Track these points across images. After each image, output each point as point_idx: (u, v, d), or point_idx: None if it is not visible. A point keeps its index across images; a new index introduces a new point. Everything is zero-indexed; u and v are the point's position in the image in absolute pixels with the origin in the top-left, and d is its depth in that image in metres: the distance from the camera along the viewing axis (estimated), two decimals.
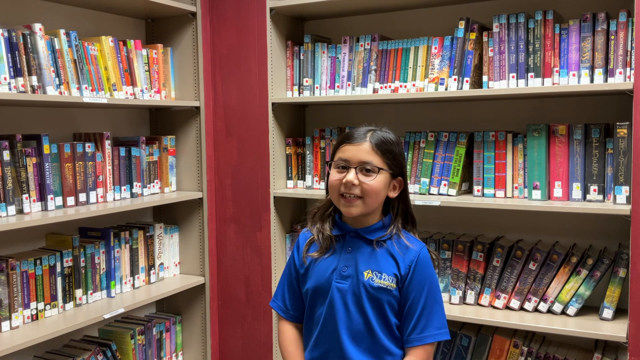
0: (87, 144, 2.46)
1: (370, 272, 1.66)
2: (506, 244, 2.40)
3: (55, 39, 2.28)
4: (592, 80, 2.17)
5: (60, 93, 2.28)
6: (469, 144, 2.44)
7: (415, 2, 2.56)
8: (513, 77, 2.28)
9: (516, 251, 2.35)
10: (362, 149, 1.65)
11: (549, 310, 2.30)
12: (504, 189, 2.37)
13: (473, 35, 2.35)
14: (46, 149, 2.29)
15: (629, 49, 2.09)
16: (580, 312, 2.28)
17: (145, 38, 2.99)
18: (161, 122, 3.02)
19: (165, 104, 2.81)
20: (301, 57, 2.71)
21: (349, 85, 2.60)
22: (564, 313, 2.28)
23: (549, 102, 2.46)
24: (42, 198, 2.29)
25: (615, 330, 2.13)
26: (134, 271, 2.72)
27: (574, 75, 2.20)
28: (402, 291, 1.67)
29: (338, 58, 2.63)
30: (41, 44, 2.21)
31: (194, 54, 2.89)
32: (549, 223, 2.48)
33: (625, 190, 2.11)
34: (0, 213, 2.14)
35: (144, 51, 2.70)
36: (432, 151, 2.48)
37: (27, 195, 2.23)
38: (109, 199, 2.57)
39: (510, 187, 2.36)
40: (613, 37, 2.12)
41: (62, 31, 2.30)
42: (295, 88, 2.73)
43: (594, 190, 2.21)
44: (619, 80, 2.11)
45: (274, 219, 2.76)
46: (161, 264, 2.88)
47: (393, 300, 1.66)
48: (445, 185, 2.45)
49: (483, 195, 2.39)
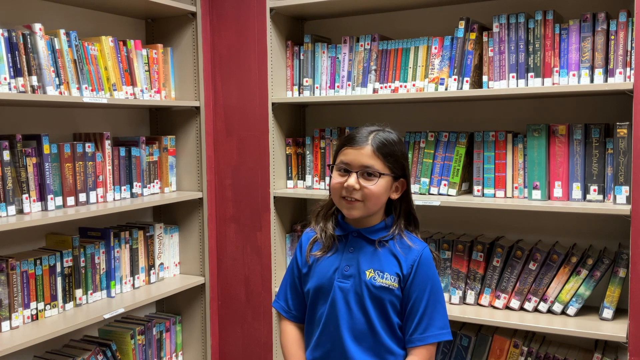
0: (87, 144, 2.46)
1: (372, 272, 1.66)
2: (506, 244, 2.40)
3: (55, 39, 2.28)
4: (592, 80, 2.17)
5: (60, 93, 2.28)
6: (469, 144, 2.44)
7: (415, 2, 2.56)
8: (513, 77, 2.28)
9: (516, 251, 2.35)
10: (364, 153, 1.64)
11: (549, 310, 2.30)
12: (504, 189, 2.37)
13: (473, 35, 2.35)
14: (46, 149, 2.29)
15: (629, 49, 2.09)
16: (580, 312, 2.28)
17: (145, 38, 2.99)
18: (161, 122, 3.02)
19: (165, 104, 2.81)
20: (301, 57, 2.71)
21: (349, 85, 2.59)
22: (564, 313, 2.28)
23: (549, 102, 2.46)
24: (42, 198, 2.29)
25: (615, 330, 2.13)
26: (134, 271, 2.72)
27: (574, 75, 2.20)
28: (404, 291, 1.67)
29: (338, 58, 2.63)
30: (41, 44, 2.21)
31: (194, 54, 2.89)
32: (549, 223, 2.48)
33: (625, 190, 2.11)
34: (0, 213, 2.14)
35: (144, 51, 2.70)
36: (432, 151, 2.48)
37: (27, 195, 2.23)
38: (109, 199, 2.57)
39: (510, 187, 2.36)
40: (613, 37, 2.12)
41: (62, 31, 2.30)
42: (295, 88, 2.73)
43: (594, 190, 2.21)
44: (619, 80, 2.11)
45: (274, 219, 2.76)
46: (161, 264, 2.88)
47: (395, 300, 1.66)
48: (445, 185, 2.45)
49: (483, 195, 2.39)
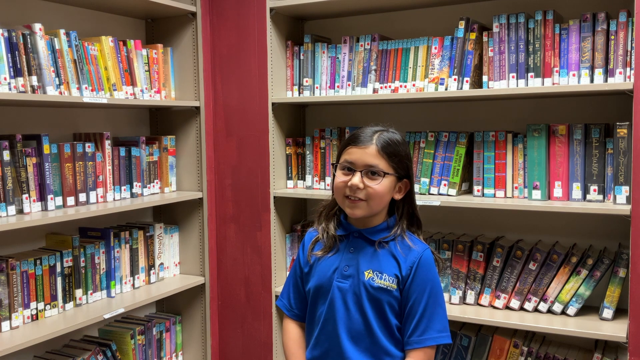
0: (87, 144, 2.46)
1: (371, 272, 1.66)
2: (506, 244, 2.40)
3: (55, 39, 2.28)
4: (592, 80, 2.17)
5: (60, 93, 2.28)
6: (469, 144, 2.44)
7: (415, 2, 2.56)
8: (513, 77, 2.28)
9: (516, 251, 2.35)
10: (368, 152, 1.64)
11: (549, 310, 2.30)
12: (504, 189, 2.37)
13: (473, 35, 2.35)
14: (46, 149, 2.29)
15: (629, 49, 2.09)
16: (580, 312, 2.28)
17: (145, 38, 2.99)
18: (161, 122, 3.02)
19: (165, 104, 2.81)
20: (301, 57, 2.71)
21: (349, 85, 2.59)
22: (564, 313, 2.28)
23: (549, 102, 2.46)
24: (42, 198, 2.29)
25: (615, 330, 2.13)
26: (134, 271, 2.72)
27: (574, 75, 2.20)
28: (403, 292, 1.66)
29: (338, 58, 2.63)
30: (41, 44, 2.21)
31: (194, 54, 2.89)
32: (549, 223, 2.48)
33: (625, 190, 2.11)
34: (0, 213, 2.14)
35: (144, 51, 2.70)
36: (432, 151, 2.48)
37: (27, 195, 2.23)
38: (109, 199, 2.57)
39: (510, 187, 2.36)
40: (613, 37, 2.12)
41: (62, 31, 2.30)
42: (295, 88, 2.73)
43: (594, 190, 2.21)
44: (619, 80, 2.11)
45: (274, 219, 2.76)
46: (161, 264, 2.88)
47: (393, 301, 1.66)
48: (445, 185, 2.45)
49: (483, 195, 2.39)
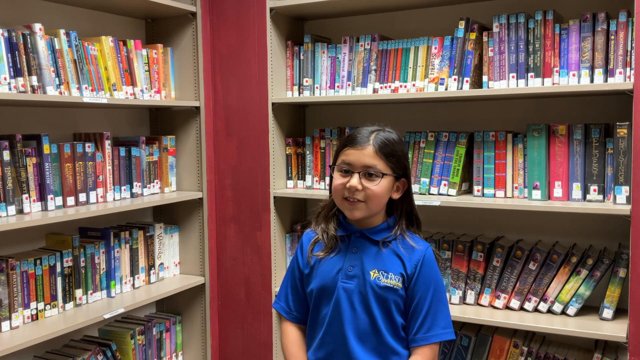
0: (87, 144, 2.46)
1: (376, 272, 1.67)
2: (506, 244, 2.40)
3: (55, 39, 2.28)
4: (592, 80, 2.17)
5: (60, 93, 2.28)
6: (469, 144, 2.44)
7: (415, 2, 2.56)
8: (513, 77, 2.28)
9: (516, 251, 2.35)
10: (366, 154, 1.64)
11: (549, 310, 2.30)
12: (504, 189, 2.37)
13: (473, 35, 2.35)
14: (46, 149, 2.29)
15: (629, 49, 2.09)
16: (580, 312, 2.28)
17: (145, 38, 2.99)
18: (161, 122, 3.02)
19: (165, 104, 2.81)
20: (301, 57, 2.71)
21: (349, 85, 2.59)
22: (564, 313, 2.28)
23: (549, 102, 2.46)
24: (42, 198, 2.29)
25: (615, 330, 2.13)
26: (134, 271, 2.72)
27: (574, 75, 2.20)
28: (408, 291, 1.67)
29: (338, 58, 2.63)
30: (41, 44, 2.21)
31: (194, 54, 2.89)
32: (549, 223, 2.48)
33: (625, 190, 2.11)
34: (0, 213, 2.14)
35: (144, 51, 2.70)
36: (432, 151, 2.48)
37: (27, 195, 2.23)
38: (109, 199, 2.57)
39: (510, 187, 2.36)
40: (613, 37, 2.12)
41: (62, 31, 2.30)
42: (295, 88, 2.73)
43: (594, 190, 2.21)
44: (619, 80, 2.11)
45: (274, 219, 2.76)
46: (161, 264, 2.88)
47: (399, 300, 1.67)
48: (445, 185, 2.45)
49: (483, 195, 2.39)
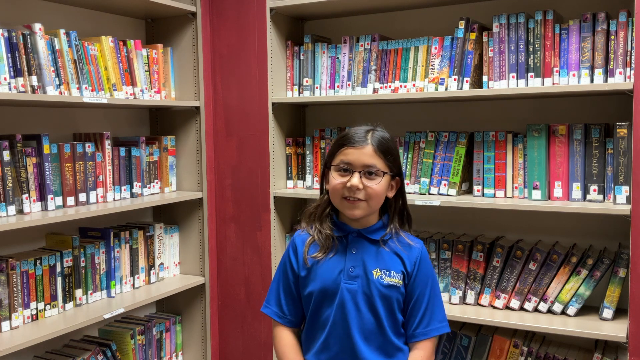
0: (87, 144, 2.46)
1: (379, 271, 1.68)
2: (506, 244, 2.40)
3: (55, 39, 2.28)
4: (592, 80, 2.17)
5: (60, 93, 2.28)
6: (469, 144, 2.44)
7: (415, 2, 2.56)
8: (513, 77, 2.28)
9: (516, 251, 2.35)
10: (365, 153, 1.65)
11: (549, 310, 2.30)
12: (504, 189, 2.37)
13: (473, 35, 2.35)
14: (46, 149, 2.29)
15: (629, 49, 2.09)
16: (580, 312, 2.28)
17: (145, 38, 2.99)
18: (161, 122, 3.02)
19: (165, 104, 2.81)
20: (301, 57, 2.71)
21: (349, 85, 2.59)
22: (564, 313, 2.28)
23: (549, 102, 2.46)
24: (42, 198, 2.29)
25: (615, 330, 2.13)
26: (134, 271, 2.72)
27: (574, 75, 2.20)
28: (408, 287, 1.70)
29: (338, 58, 2.63)
30: (41, 44, 2.21)
31: (194, 54, 2.89)
32: (549, 223, 2.48)
33: (625, 190, 2.11)
34: (0, 213, 2.14)
35: (144, 51, 2.70)
36: (432, 151, 2.48)
37: (27, 195, 2.23)
38: (109, 199, 2.57)
39: (510, 187, 2.36)
40: (613, 37, 2.12)
41: (62, 31, 2.30)
42: (295, 88, 2.73)
43: (594, 190, 2.21)
44: (619, 80, 2.11)
45: (274, 219, 2.76)
46: (161, 264, 2.88)
47: (400, 297, 1.70)
48: (445, 185, 2.45)
49: (483, 195, 2.39)
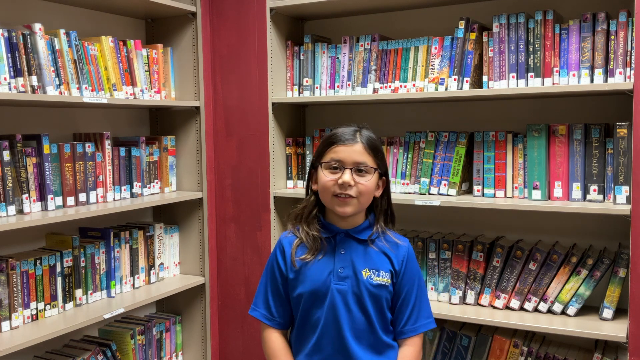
0: (87, 144, 2.46)
1: (368, 271, 1.70)
2: (506, 244, 2.40)
3: (55, 39, 2.28)
4: (592, 80, 2.17)
5: (60, 93, 2.28)
6: (469, 144, 2.44)
7: (415, 2, 2.56)
8: (513, 77, 2.28)
9: (516, 251, 2.35)
10: (356, 150, 1.67)
11: (549, 310, 2.30)
12: (504, 189, 2.37)
13: (473, 35, 2.35)
14: (46, 149, 2.29)
15: (629, 49, 2.09)
16: (580, 312, 2.28)
17: (145, 38, 2.99)
18: (161, 122, 3.02)
19: (165, 104, 2.81)
20: (301, 57, 2.71)
21: (349, 85, 2.59)
22: (564, 313, 2.28)
23: (549, 102, 2.46)
24: (42, 198, 2.29)
25: (615, 330, 2.13)
26: (134, 271, 2.72)
27: (574, 75, 2.20)
28: (396, 286, 1.73)
29: (338, 58, 2.63)
30: (41, 44, 2.21)
31: (194, 54, 2.89)
32: (549, 223, 2.48)
33: (625, 190, 2.11)
34: (0, 213, 2.14)
35: (144, 51, 2.69)
36: (432, 151, 2.48)
37: (27, 195, 2.23)
38: (109, 199, 2.57)
39: (510, 187, 2.36)
40: (613, 37, 2.12)
41: (62, 31, 2.30)
42: (295, 88, 2.73)
43: (594, 190, 2.21)
44: (619, 80, 2.11)
45: (274, 219, 2.76)
46: (161, 264, 2.88)
47: (389, 296, 1.72)
48: (445, 185, 2.45)
49: (483, 195, 2.39)
